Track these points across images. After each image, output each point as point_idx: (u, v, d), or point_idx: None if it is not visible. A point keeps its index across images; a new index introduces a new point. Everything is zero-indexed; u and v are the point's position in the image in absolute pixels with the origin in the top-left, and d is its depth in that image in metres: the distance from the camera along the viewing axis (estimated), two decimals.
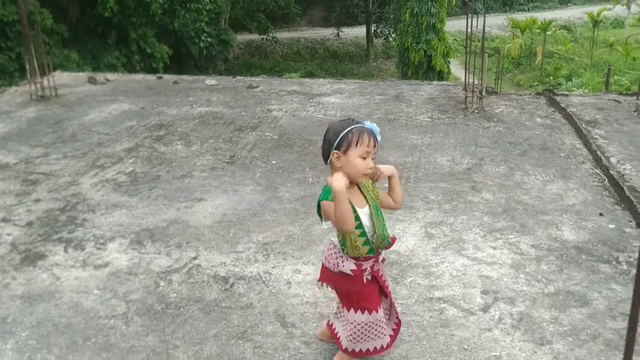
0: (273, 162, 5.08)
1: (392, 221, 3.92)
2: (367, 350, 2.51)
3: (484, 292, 3.18)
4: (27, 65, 7.15)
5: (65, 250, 3.67)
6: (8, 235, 3.86)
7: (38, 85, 7.00)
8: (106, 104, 6.87)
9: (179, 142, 5.60)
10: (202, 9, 20.18)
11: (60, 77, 7.94)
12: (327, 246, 2.49)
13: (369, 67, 29.68)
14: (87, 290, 3.25)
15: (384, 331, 2.51)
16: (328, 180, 2.22)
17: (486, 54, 6.51)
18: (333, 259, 2.42)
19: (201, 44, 20.71)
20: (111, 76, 8.42)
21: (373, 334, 2.48)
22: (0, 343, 2.82)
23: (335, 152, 2.30)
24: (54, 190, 4.55)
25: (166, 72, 14.46)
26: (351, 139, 2.29)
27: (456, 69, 22.09)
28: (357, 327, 2.46)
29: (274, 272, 3.39)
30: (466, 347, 2.76)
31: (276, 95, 7.23)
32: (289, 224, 3.97)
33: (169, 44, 19.10)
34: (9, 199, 4.40)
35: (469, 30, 6.46)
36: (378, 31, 31.27)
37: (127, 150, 5.39)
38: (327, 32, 32.40)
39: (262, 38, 28.78)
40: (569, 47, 26.78)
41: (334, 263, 2.42)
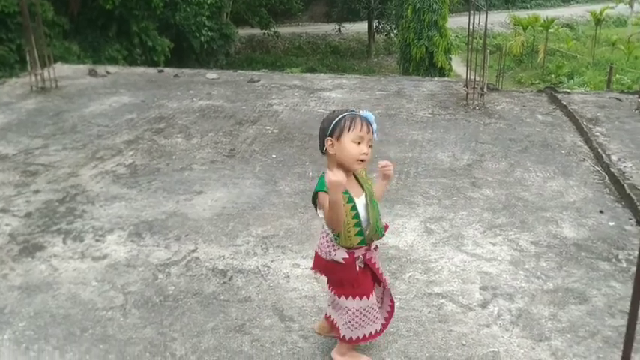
0: (273, 156, 5.08)
1: (391, 216, 3.91)
2: (364, 336, 2.51)
3: (483, 288, 3.18)
4: (27, 57, 7.13)
5: (64, 242, 3.67)
6: (7, 226, 3.86)
7: (39, 77, 6.99)
8: (107, 97, 6.86)
9: (179, 135, 5.58)
10: (204, 3, 20.09)
11: (60, 69, 7.92)
12: (320, 234, 2.49)
13: (371, 63, 29.63)
14: (85, 282, 3.25)
15: (376, 318, 2.52)
16: (326, 177, 2.21)
17: (488, 51, 6.49)
18: (326, 248, 2.42)
19: (202, 38, 20.66)
20: (112, 69, 8.40)
21: (367, 320, 2.48)
22: None
23: (329, 139, 2.32)
24: (53, 182, 4.54)
25: (167, 66, 14.38)
26: (344, 125, 2.32)
27: (458, 66, 22.05)
28: (351, 313, 2.46)
29: (273, 266, 3.39)
30: (464, 343, 2.75)
31: (276, 89, 7.21)
32: (288, 218, 3.96)
33: (170, 38, 19.04)
34: (8, 190, 4.39)
35: (471, 27, 6.44)
36: (380, 27, 31.18)
37: (127, 142, 5.38)
38: (329, 28, 32.34)
39: (264, 33, 28.71)
40: (571, 45, 26.70)
41: (327, 251, 2.42)
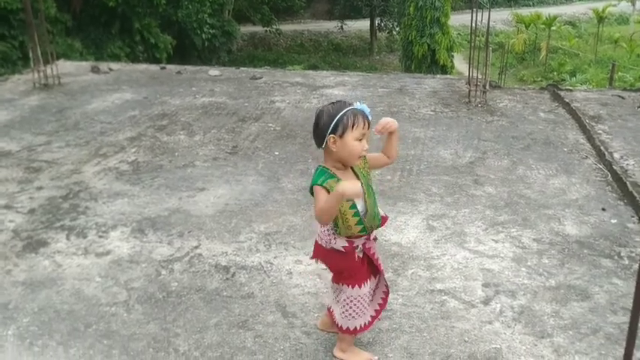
0: (275, 153, 5.08)
1: (394, 213, 3.92)
2: (360, 327, 2.53)
3: (485, 285, 3.18)
4: (30, 53, 7.15)
5: (67, 238, 3.68)
6: (10, 222, 3.87)
7: (41, 74, 7.00)
8: (109, 93, 6.87)
9: (182, 132, 5.59)
10: (206, 0, 20.11)
11: (63, 66, 7.94)
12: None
13: (373, 61, 29.61)
14: (89, 278, 3.26)
15: (366, 309, 2.54)
16: (339, 188, 2.15)
17: (490, 48, 6.48)
18: (326, 236, 2.42)
19: (204, 35, 20.63)
20: (114, 66, 8.41)
21: (358, 311, 2.50)
22: (1, 329, 2.84)
23: (331, 137, 2.30)
24: (56, 178, 4.55)
25: (169, 63, 14.40)
26: (347, 123, 2.29)
27: (460, 63, 21.99)
28: (348, 301, 2.48)
29: (276, 262, 3.40)
30: (467, 339, 2.76)
31: (279, 87, 7.22)
32: (291, 215, 3.97)
33: (173, 35, 19.03)
34: (11, 187, 4.41)
35: (474, 24, 6.43)
36: (382, 25, 31.10)
37: (130, 139, 5.39)
38: (331, 25, 32.27)
39: (266, 30, 28.68)
40: (573, 43, 26.63)
41: (327, 240, 2.42)
